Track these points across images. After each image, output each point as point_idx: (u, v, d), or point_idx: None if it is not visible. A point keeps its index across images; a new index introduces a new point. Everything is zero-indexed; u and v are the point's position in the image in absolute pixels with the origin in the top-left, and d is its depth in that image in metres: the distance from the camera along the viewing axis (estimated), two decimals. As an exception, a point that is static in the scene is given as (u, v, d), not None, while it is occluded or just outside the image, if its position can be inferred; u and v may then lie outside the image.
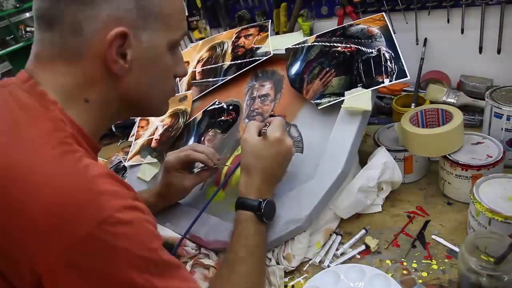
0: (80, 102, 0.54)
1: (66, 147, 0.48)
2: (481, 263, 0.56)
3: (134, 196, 0.49)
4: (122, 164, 1.21)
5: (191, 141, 1.06)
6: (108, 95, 0.56)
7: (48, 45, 0.53)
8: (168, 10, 0.57)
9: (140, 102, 0.60)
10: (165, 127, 1.12)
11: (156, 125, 1.14)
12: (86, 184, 0.45)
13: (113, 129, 1.48)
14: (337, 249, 0.77)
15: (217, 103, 1.08)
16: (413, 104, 1.06)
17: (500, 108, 0.83)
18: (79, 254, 0.43)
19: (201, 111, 1.09)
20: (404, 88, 1.17)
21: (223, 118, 1.05)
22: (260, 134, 0.76)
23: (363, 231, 0.80)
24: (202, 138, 1.04)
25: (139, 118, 1.21)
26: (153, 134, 1.12)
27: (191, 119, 1.10)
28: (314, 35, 0.99)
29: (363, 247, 0.76)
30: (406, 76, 0.81)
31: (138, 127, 1.18)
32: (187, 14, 1.68)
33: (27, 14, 2.38)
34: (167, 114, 1.15)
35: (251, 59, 1.07)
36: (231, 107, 1.05)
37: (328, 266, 0.74)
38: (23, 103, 0.50)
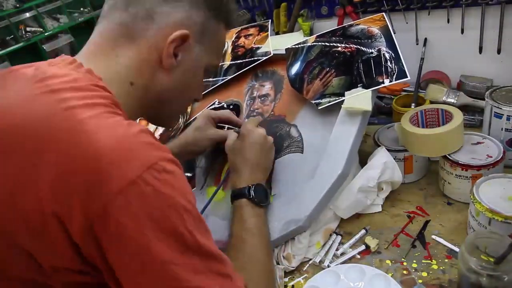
0: (125, 84, 0.58)
1: (111, 109, 0.51)
2: (481, 263, 0.56)
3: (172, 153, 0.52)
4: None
5: None
6: (150, 83, 0.60)
7: (117, 22, 0.59)
8: (221, 38, 0.67)
9: (163, 107, 0.65)
10: (165, 127, 1.12)
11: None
12: (133, 134, 0.48)
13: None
14: (337, 249, 0.77)
15: (217, 103, 1.08)
16: (413, 104, 1.06)
17: (500, 108, 0.83)
18: (130, 196, 0.44)
19: (202, 111, 1.09)
20: (404, 88, 1.17)
21: None
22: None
23: (363, 231, 0.80)
24: None
25: (138, 118, 1.21)
26: (153, 134, 1.12)
27: (191, 118, 1.10)
28: (314, 35, 0.99)
29: (363, 247, 0.76)
30: (406, 77, 0.81)
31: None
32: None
33: (27, 14, 2.38)
34: (167, 114, 1.15)
35: (251, 59, 1.07)
36: (231, 107, 1.05)
37: (328, 266, 0.74)
38: (74, 77, 0.52)
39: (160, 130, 1.12)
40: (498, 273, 0.55)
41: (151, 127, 1.15)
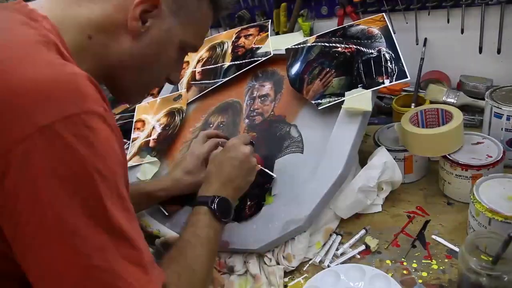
0: (81, 35, 0.53)
1: (45, 45, 0.45)
2: (481, 263, 0.56)
3: (110, 113, 0.47)
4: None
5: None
6: (112, 43, 0.55)
7: None
8: (201, 16, 0.62)
9: (125, 75, 0.59)
10: (162, 126, 1.12)
11: (153, 125, 1.15)
12: (60, 76, 0.42)
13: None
14: (337, 249, 0.77)
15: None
16: (413, 104, 1.06)
17: (500, 108, 0.83)
18: (32, 147, 0.39)
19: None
20: (404, 88, 1.17)
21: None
22: None
23: (363, 231, 0.80)
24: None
25: (135, 119, 1.20)
26: (150, 134, 1.12)
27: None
28: (315, 35, 0.99)
29: (363, 247, 0.76)
30: (406, 77, 0.81)
31: (134, 128, 1.18)
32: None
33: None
34: (163, 113, 1.16)
35: (251, 59, 1.07)
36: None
37: (328, 266, 0.74)
38: (11, 17, 0.48)
39: (158, 130, 1.12)
40: (498, 273, 0.55)
41: (147, 128, 1.15)
